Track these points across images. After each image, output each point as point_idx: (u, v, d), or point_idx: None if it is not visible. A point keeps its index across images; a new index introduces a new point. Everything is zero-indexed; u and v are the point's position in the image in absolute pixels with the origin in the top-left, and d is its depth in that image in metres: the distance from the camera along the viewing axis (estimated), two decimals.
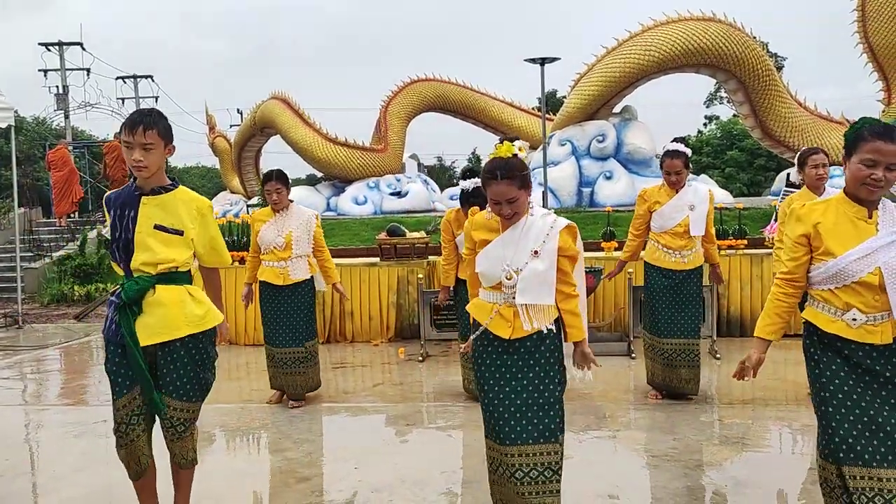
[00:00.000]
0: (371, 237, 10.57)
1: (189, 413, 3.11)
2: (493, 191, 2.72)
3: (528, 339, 2.77)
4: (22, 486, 4.13)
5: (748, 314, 7.78)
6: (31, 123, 36.79)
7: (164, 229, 2.99)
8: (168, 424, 3.09)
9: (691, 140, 40.73)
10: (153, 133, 2.94)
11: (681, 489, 3.75)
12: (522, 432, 2.71)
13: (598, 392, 5.76)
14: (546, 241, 2.72)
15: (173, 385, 3.04)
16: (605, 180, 15.14)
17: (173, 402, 3.05)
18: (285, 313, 5.34)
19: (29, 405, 6.22)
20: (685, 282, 5.14)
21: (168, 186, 3.07)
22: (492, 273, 2.77)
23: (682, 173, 5.10)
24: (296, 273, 5.27)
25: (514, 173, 2.70)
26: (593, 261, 7.83)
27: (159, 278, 3.00)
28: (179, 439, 3.13)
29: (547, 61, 15.13)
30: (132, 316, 2.96)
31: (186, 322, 3.03)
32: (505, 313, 2.78)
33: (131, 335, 2.94)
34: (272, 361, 5.48)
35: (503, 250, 2.75)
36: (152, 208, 3.01)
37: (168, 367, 3.03)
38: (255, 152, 22.19)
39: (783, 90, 14.63)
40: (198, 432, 3.26)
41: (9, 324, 10.21)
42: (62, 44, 27.77)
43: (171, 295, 3.02)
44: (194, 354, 3.08)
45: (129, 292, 2.96)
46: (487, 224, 2.86)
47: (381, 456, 4.42)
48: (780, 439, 4.73)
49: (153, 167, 2.99)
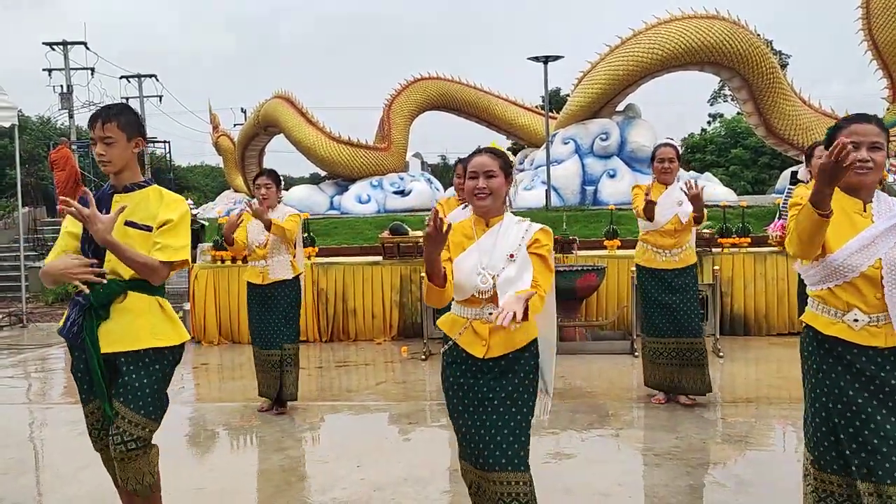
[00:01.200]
0: (374, 236, 10.58)
1: (143, 431, 2.83)
2: (474, 162, 2.62)
3: (502, 359, 2.57)
4: (26, 483, 4.14)
5: (751, 313, 7.77)
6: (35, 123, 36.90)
7: (135, 225, 2.84)
8: (117, 440, 2.78)
9: (696, 138, 40.67)
10: (112, 126, 2.83)
11: (683, 487, 3.75)
12: (502, 458, 2.51)
13: (601, 390, 5.76)
14: (521, 244, 2.59)
15: (132, 395, 2.80)
16: (608, 178, 15.13)
17: (129, 414, 2.80)
18: (265, 313, 5.19)
19: (33, 403, 6.24)
20: (678, 280, 5.09)
21: (141, 183, 2.94)
22: (467, 282, 2.58)
23: (675, 162, 5.09)
24: (275, 272, 5.14)
25: (499, 153, 2.66)
26: (596, 259, 7.82)
27: (131, 284, 2.85)
28: (130, 460, 2.81)
29: (550, 59, 15.14)
30: (96, 320, 2.81)
31: (152, 334, 2.85)
32: (479, 329, 2.58)
33: (93, 340, 2.79)
34: (257, 363, 5.31)
35: (479, 257, 2.58)
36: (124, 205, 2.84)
37: (128, 377, 2.82)
38: (258, 151, 22.24)
39: (787, 88, 14.60)
40: (157, 453, 2.95)
41: (13, 322, 10.24)
42: (66, 43, 27.85)
43: (142, 304, 2.86)
44: (156, 369, 2.87)
45: (100, 295, 2.81)
46: (464, 229, 2.68)
47: (384, 454, 4.42)
48: (784, 438, 4.72)
49: (117, 161, 2.86)
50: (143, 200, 2.90)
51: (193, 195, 36.40)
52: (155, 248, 2.82)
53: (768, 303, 7.74)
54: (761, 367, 6.70)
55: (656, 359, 5.19)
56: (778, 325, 7.71)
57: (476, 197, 2.63)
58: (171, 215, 2.87)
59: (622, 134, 15.41)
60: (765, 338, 7.61)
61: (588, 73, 15.52)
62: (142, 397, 2.83)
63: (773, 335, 7.65)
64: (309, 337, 8.10)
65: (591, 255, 8.06)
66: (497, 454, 2.51)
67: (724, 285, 7.63)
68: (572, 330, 7.40)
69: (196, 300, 8.26)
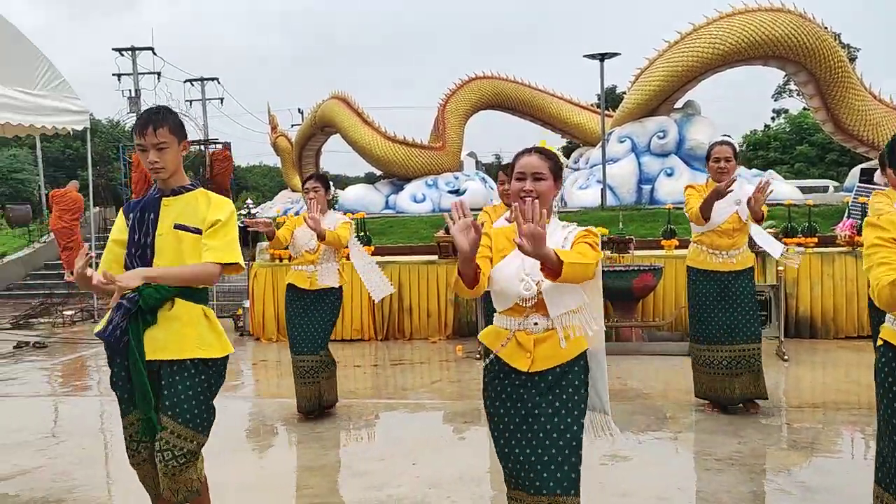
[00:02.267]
0: (429, 235, 10.64)
1: (191, 444, 2.77)
2: (522, 162, 2.48)
3: (549, 373, 2.41)
4: (97, 472, 4.31)
5: (818, 314, 7.52)
6: (105, 126, 38.30)
7: (185, 228, 2.81)
8: (168, 455, 2.72)
9: (759, 135, 39.55)
10: (164, 131, 2.79)
11: (746, 494, 3.65)
12: (550, 480, 2.33)
13: (658, 392, 5.66)
14: (564, 245, 2.41)
15: (179, 407, 2.74)
16: (665, 177, 14.85)
17: (177, 428, 2.74)
18: (308, 318, 5.14)
19: (104, 396, 6.48)
20: (735, 283, 4.81)
21: (188, 186, 2.91)
22: (510, 288, 2.42)
23: (731, 161, 4.83)
24: (324, 279, 5.11)
25: (550, 154, 2.51)
26: (653, 259, 7.69)
27: (179, 291, 2.80)
28: (177, 474, 2.75)
29: (607, 57, 14.94)
30: (143, 325, 2.76)
31: (199, 344, 2.80)
32: (523, 341, 2.41)
33: (139, 345, 2.73)
34: (297, 374, 5.17)
35: (522, 262, 2.39)
36: (173, 209, 2.84)
37: (175, 388, 2.75)
38: (315, 151, 22.59)
39: (856, 82, 14.08)
40: (203, 458, 2.90)
41: (85, 318, 10.67)
42: (134, 49, 28.81)
43: (189, 312, 2.81)
44: (202, 381, 2.81)
45: (150, 299, 2.74)
46: (508, 233, 2.48)
47: (439, 453, 4.44)
48: (853, 445, 4.56)
49: (170, 166, 2.82)
50: (191, 203, 2.87)
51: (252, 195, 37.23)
52: (205, 250, 2.80)
53: (836, 304, 7.48)
54: (828, 371, 6.48)
55: (707, 368, 4.92)
56: (846, 327, 7.44)
57: (522, 200, 2.41)
58: (219, 216, 2.84)
59: (680, 131, 15.10)
60: (832, 341, 7.35)
61: (646, 70, 15.25)
62: (189, 409, 2.76)
63: (842, 338, 7.39)
64: (364, 335, 8.21)
65: (648, 254, 7.93)
66: (545, 476, 2.33)
67: (789, 286, 7.40)
68: (629, 330, 7.30)
69: (255, 298, 8.45)
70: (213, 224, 2.82)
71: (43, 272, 14.64)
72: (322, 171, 5.70)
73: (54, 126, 9.03)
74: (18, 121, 8.19)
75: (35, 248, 15.16)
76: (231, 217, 2.88)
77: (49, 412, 5.86)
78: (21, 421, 5.42)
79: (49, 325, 10.35)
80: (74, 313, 10.71)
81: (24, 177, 32.55)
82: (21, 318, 10.55)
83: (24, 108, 8.30)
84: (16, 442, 4.87)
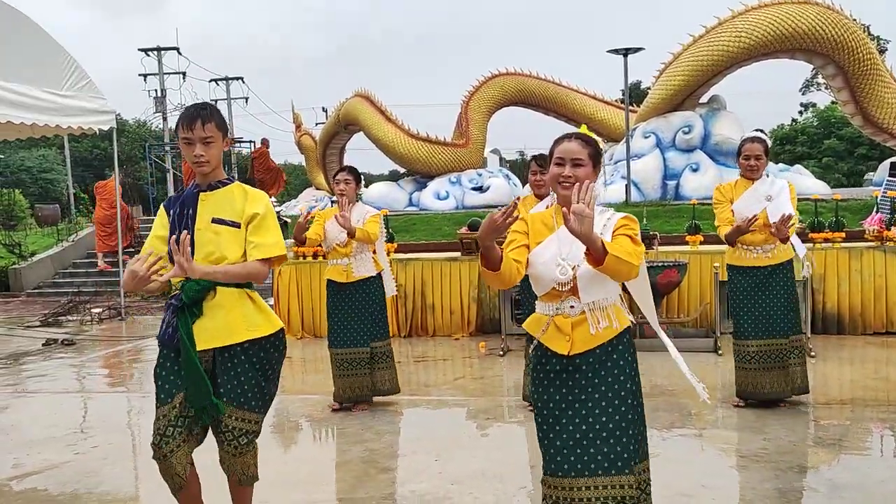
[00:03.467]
0: (452, 232, 10.63)
1: (251, 425, 2.91)
2: (561, 148, 2.48)
3: (590, 355, 2.42)
4: (124, 467, 4.38)
5: (846, 310, 7.40)
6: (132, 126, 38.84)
7: (222, 221, 2.87)
8: (230, 437, 2.87)
9: (786, 129, 39.00)
10: (211, 126, 2.85)
11: (771, 490, 3.61)
12: (591, 462, 2.35)
13: (683, 389, 5.60)
14: (603, 232, 2.40)
15: (234, 392, 2.86)
16: (690, 172, 14.70)
17: (235, 412, 2.87)
18: (350, 312, 5.20)
19: (131, 392, 6.59)
20: (772, 277, 4.77)
21: (225, 181, 2.97)
22: (546, 273, 2.45)
23: (762, 159, 4.77)
24: (359, 270, 5.17)
25: (589, 139, 2.52)
26: (678, 255, 7.62)
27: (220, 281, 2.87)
28: (241, 455, 2.92)
29: (630, 52, 14.82)
30: (191, 318, 2.84)
31: (247, 326, 2.88)
32: (561, 325, 2.45)
33: (189, 338, 2.81)
34: (336, 365, 5.27)
35: (559, 247, 2.44)
36: (210, 203, 2.91)
37: (228, 374, 2.86)
38: (339, 149, 22.70)
39: (886, 75, 13.81)
40: (258, 448, 3.03)
41: (112, 315, 10.84)
42: (160, 49, 29.14)
43: (232, 297, 2.88)
44: (255, 362, 2.90)
45: (190, 292, 2.83)
46: (545, 219, 2.56)
47: (462, 449, 4.44)
48: (882, 442, 4.48)
49: (214, 161, 2.90)
50: (228, 197, 2.93)
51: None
52: (251, 248, 2.88)
53: (864, 300, 7.35)
54: (856, 368, 6.38)
55: (744, 363, 4.89)
56: (874, 323, 7.31)
57: (560, 185, 2.48)
58: (258, 209, 2.90)
59: (706, 126, 14.93)
60: (860, 337, 7.23)
61: (670, 65, 15.10)
62: (244, 392, 2.87)
63: (870, 334, 7.26)
64: None
65: (673, 250, 7.86)
66: (599, 458, 2.35)
67: (816, 282, 7.29)
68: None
69: (280, 295, 8.52)
70: (251, 218, 2.89)
71: (72, 270, 14.89)
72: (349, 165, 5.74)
73: (80, 126, 9.17)
74: (45, 121, 8.33)
75: (63, 246, 15.41)
76: (269, 209, 2.95)
77: (77, 408, 5.96)
78: (50, 417, 5.52)
79: (77, 322, 10.53)
80: (102, 311, 10.89)
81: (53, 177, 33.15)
82: (50, 315, 10.75)
83: (51, 108, 8.44)
84: (45, 437, 4.96)
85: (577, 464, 2.36)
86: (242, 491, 3.04)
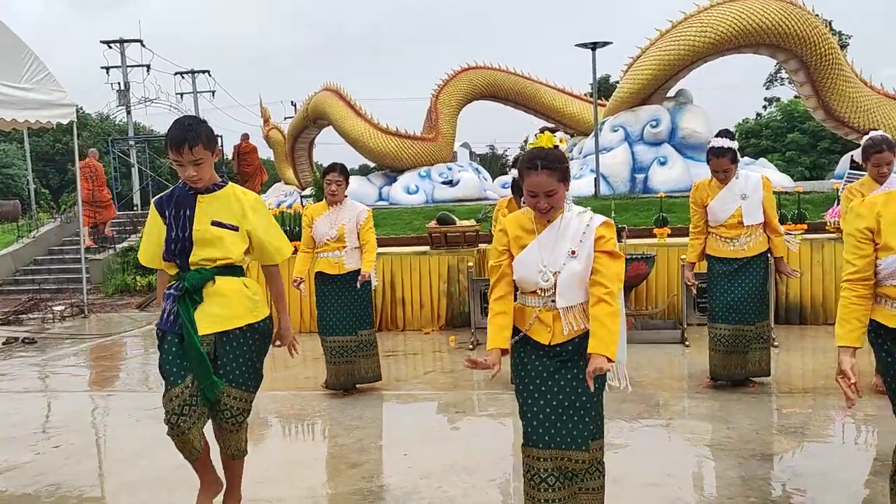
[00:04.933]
0: (422, 226, 10.61)
1: (245, 403, 3.16)
2: (532, 182, 2.58)
3: (569, 343, 2.63)
4: (86, 468, 4.29)
5: (808, 301, 7.55)
6: (94, 120, 38.10)
7: (222, 225, 3.05)
8: (227, 415, 3.11)
9: (750, 123, 39.59)
10: (199, 148, 2.97)
11: (735, 478, 3.67)
12: (556, 436, 2.61)
13: (651, 380, 5.67)
14: (583, 239, 2.57)
15: (233, 374, 3.07)
16: (658, 166, 14.84)
17: (232, 392, 3.09)
18: (340, 302, 5.37)
19: (94, 391, 6.47)
20: (746, 268, 4.98)
21: (220, 184, 3.13)
22: (529, 279, 2.63)
23: (730, 170, 4.95)
24: (350, 263, 5.31)
25: (555, 165, 2.56)
26: (646, 247, 7.70)
27: (218, 270, 3.07)
28: (235, 431, 3.16)
29: (599, 46, 14.88)
30: (192, 305, 3.01)
31: (246, 311, 3.10)
32: (544, 318, 2.64)
33: (191, 322, 2.98)
34: (328, 353, 5.47)
35: (540, 253, 2.61)
36: (208, 206, 3.07)
37: (228, 357, 3.07)
38: (308, 143, 22.48)
39: (847, 69, 14.06)
40: (248, 425, 3.27)
41: (76, 313, 10.62)
42: (122, 41, 28.63)
43: (231, 285, 3.09)
44: (251, 344, 3.13)
45: (192, 280, 3.01)
46: (523, 223, 2.70)
47: (432, 443, 4.44)
48: (843, 430, 4.58)
49: (206, 176, 3.06)
50: (225, 200, 3.10)
51: None
52: (272, 250, 3.22)
53: (826, 291, 7.50)
54: (818, 357, 6.51)
55: (714, 345, 5.14)
56: (835, 313, 7.42)
57: (540, 212, 2.65)
58: (257, 214, 3.14)
59: (673, 120, 15.07)
60: (822, 327, 7.38)
61: (638, 59, 15.20)
62: (242, 373, 3.11)
63: (831, 324, 7.37)
64: None
65: (641, 243, 7.93)
66: (563, 433, 2.60)
67: (785, 277, 7.41)
68: None
69: None
70: (255, 226, 3.13)
71: (33, 267, 14.57)
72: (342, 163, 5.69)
73: (38, 120, 8.94)
74: (1, 115, 8.11)
75: (24, 243, 15.05)
76: (266, 210, 3.23)
77: (39, 408, 5.83)
78: (10, 417, 5.40)
79: (39, 320, 10.31)
80: (64, 309, 10.66)
81: (14, 172, 32.40)
82: (10, 313, 10.51)
83: (8, 102, 8.22)
84: (4, 437, 4.85)
85: (556, 437, 2.61)
86: (235, 464, 3.30)
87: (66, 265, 14.18)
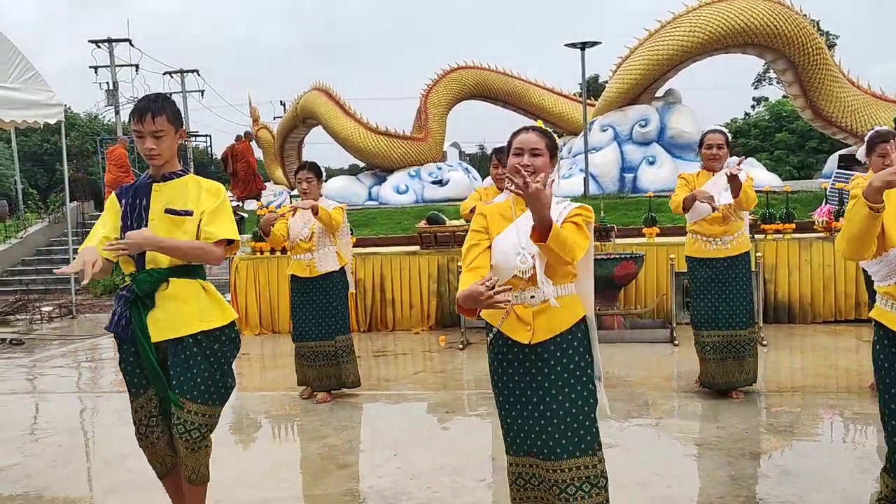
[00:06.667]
0: (412, 226, 10.59)
1: (205, 418, 2.87)
2: (519, 139, 2.53)
3: (551, 343, 2.47)
4: (74, 470, 4.26)
5: (796, 300, 7.58)
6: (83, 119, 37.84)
7: (175, 212, 2.84)
8: (181, 430, 2.83)
9: (739, 123, 39.78)
10: (162, 119, 2.80)
11: (724, 477, 3.68)
12: (569, 445, 2.43)
13: (640, 379, 5.69)
14: (559, 220, 2.44)
15: (187, 385, 2.83)
16: (647, 165, 14.89)
17: (188, 404, 2.83)
18: (314, 306, 5.24)
19: (82, 392, 6.42)
20: (731, 269, 4.87)
21: (178, 172, 2.94)
22: (506, 263, 2.47)
23: (723, 148, 4.88)
24: (322, 265, 5.18)
25: (546, 132, 2.57)
26: (635, 247, 7.72)
27: (173, 271, 2.85)
28: (194, 450, 2.86)
29: (588, 46, 14.91)
30: (144, 310, 2.81)
31: (200, 317, 2.85)
32: (522, 314, 2.48)
33: (143, 330, 2.79)
34: (299, 358, 5.40)
35: (517, 237, 2.48)
36: (163, 194, 2.88)
37: (182, 366, 2.83)
38: (297, 143, 22.43)
39: (835, 69, 14.15)
40: (211, 446, 3.00)
41: (63, 314, 10.55)
42: (111, 41, 28.45)
43: (186, 288, 2.86)
44: (208, 354, 2.87)
45: (143, 284, 2.81)
46: (502, 210, 2.60)
47: (421, 443, 4.44)
48: (832, 428, 4.60)
49: (166, 154, 2.86)
50: (181, 188, 2.91)
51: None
52: (204, 237, 2.85)
53: (814, 290, 7.55)
54: (807, 356, 6.55)
55: (704, 353, 5.00)
56: (824, 312, 7.51)
57: (518, 175, 2.46)
58: (214, 201, 2.89)
59: (662, 120, 15.13)
60: (810, 325, 7.43)
61: (627, 59, 15.25)
62: (197, 385, 2.84)
63: (819, 323, 7.46)
64: None
65: (630, 242, 7.95)
66: (563, 442, 2.43)
67: (768, 272, 7.46)
68: (610, 318, 7.32)
69: (237, 291, 8.39)
70: (207, 209, 2.87)
71: (20, 268, 14.46)
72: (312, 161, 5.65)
73: (26, 120, 8.87)
74: None
75: (12, 244, 14.93)
76: (225, 200, 2.94)
77: (27, 409, 5.79)
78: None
79: (26, 321, 10.23)
80: (52, 310, 10.59)
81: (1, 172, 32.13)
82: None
83: None
84: None
85: (557, 448, 2.43)
86: (194, 490, 2.96)
87: (54, 265, 14.06)
